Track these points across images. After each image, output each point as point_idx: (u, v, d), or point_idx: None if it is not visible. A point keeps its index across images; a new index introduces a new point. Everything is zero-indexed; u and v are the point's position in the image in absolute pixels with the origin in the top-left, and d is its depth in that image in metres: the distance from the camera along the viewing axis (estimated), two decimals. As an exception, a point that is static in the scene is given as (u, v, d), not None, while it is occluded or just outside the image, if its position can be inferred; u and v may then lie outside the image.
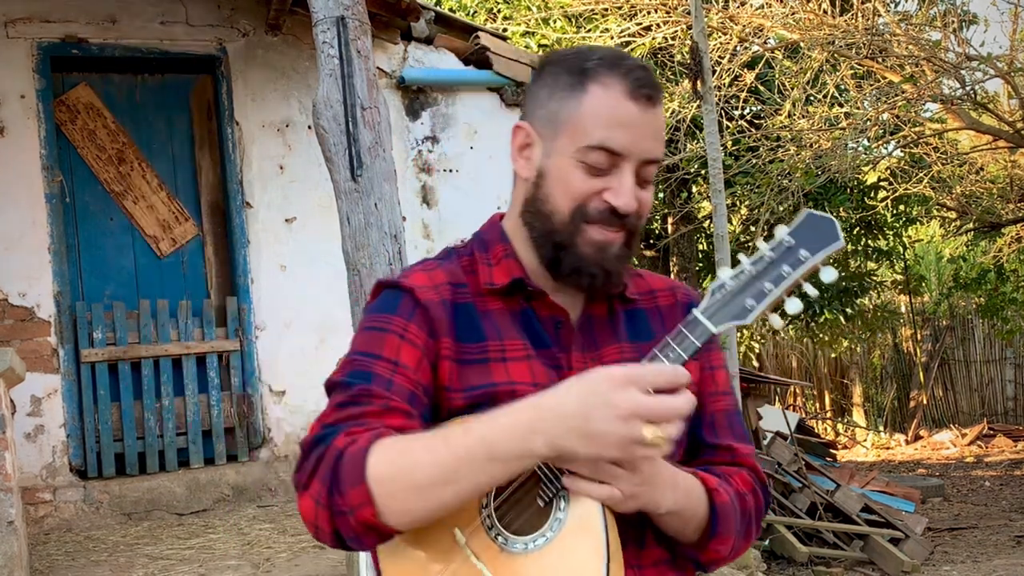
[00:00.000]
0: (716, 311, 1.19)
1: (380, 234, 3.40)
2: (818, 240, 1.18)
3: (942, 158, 9.19)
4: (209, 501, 5.23)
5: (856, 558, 6.23)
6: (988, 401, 13.38)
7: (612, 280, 1.33)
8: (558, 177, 1.30)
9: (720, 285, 1.20)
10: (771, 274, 1.18)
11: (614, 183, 1.28)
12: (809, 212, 1.21)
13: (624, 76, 1.27)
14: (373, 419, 1.20)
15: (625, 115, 1.27)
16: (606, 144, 1.26)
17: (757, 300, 1.18)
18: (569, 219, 1.29)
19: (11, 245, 5.06)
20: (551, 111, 1.32)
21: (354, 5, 3.49)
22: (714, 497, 1.28)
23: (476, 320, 1.32)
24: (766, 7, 8.01)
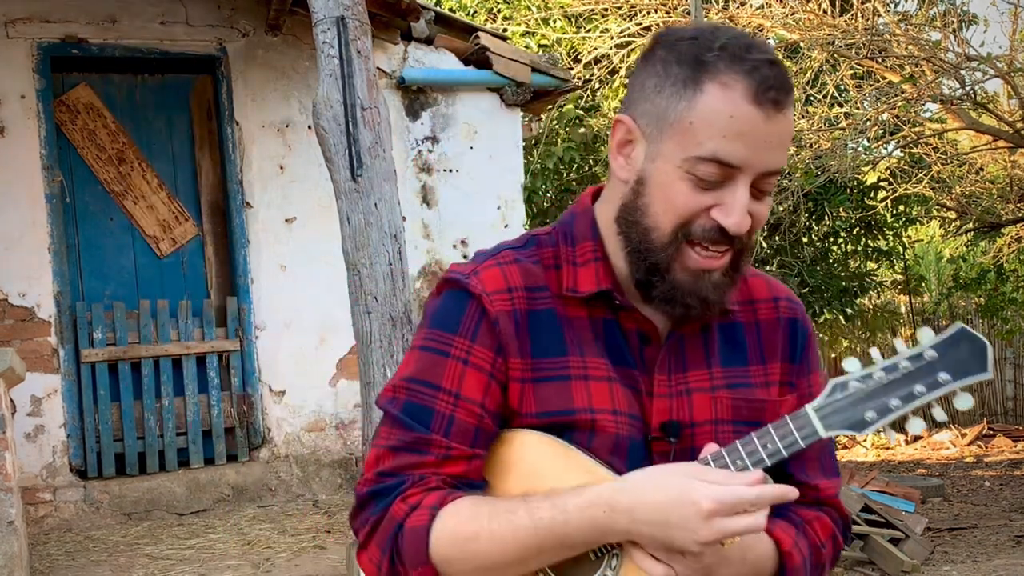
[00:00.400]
0: (831, 413, 1.09)
1: (380, 234, 3.40)
2: (963, 365, 1.08)
3: (942, 158, 9.20)
4: (209, 501, 5.23)
5: (856, 558, 6.23)
6: (988, 401, 13.38)
7: (711, 310, 1.18)
8: (661, 187, 1.13)
9: (843, 384, 1.09)
10: (902, 390, 1.08)
11: (726, 198, 1.11)
12: (962, 328, 1.08)
13: (748, 75, 1.08)
14: (430, 469, 1.15)
15: (746, 123, 1.08)
16: (720, 156, 1.09)
17: (880, 415, 1.08)
18: (669, 238, 1.13)
19: (11, 245, 5.06)
20: (659, 108, 1.13)
21: (354, 5, 3.49)
22: (786, 561, 1.20)
23: (557, 329, 1.18)
24: (766, 7, 8.01)
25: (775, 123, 1.10)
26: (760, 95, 1.08)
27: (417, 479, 1.15)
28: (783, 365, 1.23)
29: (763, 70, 1.09)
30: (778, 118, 1.10)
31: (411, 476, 1.15)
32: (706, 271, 1.15)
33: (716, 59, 1.10)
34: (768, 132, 1.10)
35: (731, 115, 1.09)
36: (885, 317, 12.37)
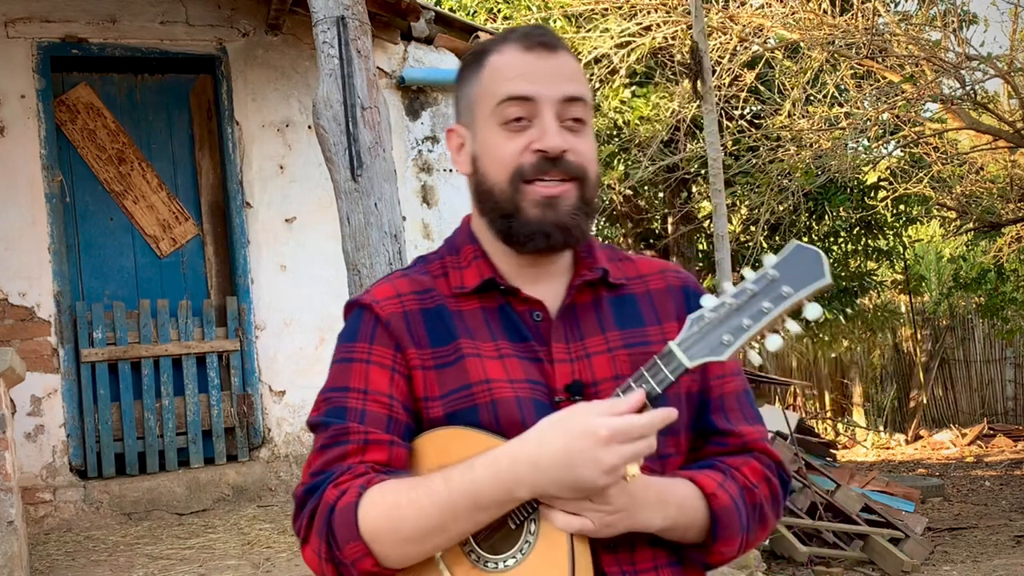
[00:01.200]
0: (692, 344, 1.16)
1: (380, 234, 3.40)
2: (803, 276, 1.14)
3: (942, 158, 9.20)
4: (209, 501, 5.23)
5: (856, 558, 6.23)
6: (988, 401, 13.38)
7: (573, 237, 1.28)
8: (487, 151, 1.29)
9: (699, 316, 1.16)
10: (751, 309, 1.14)
11: (536, 132, 1.25)
12: (797, 245, 1.17)
13: (516, 37, 1.29)
14: (355, 458, 1.23)
15: (523, 65, 1.26)
16: (512, 92, 1.25)
17: (735, 336, 1.14)
18: (508, 185, 1.27)
19: (11, 245, 5.06)
20: (466, 99, 1.33)
21: (354, 5, 3.49)
22: (712, 503, 1.25)
23: (448, 321, 1.30)
24: (766, 7, 8.01)
25: (550, 59, 1.27)
26: (528, 43, 1.27)
27: (346, 469, 1.22)
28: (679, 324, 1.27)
29: (526, 30, 1.29)
30: (552, 56, 1.27)
31: (340, 467, 1.23)
32: (551, 199, 1.26)
33: (492, 43, 1.32)
34: (546, 67, 1.26)
35: (509, 63, 1.27)
36: (885, 317, 12.37)
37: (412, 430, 1.27)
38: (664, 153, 8.38)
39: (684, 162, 8.68)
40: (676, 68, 8.13)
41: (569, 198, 1.27)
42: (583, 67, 7.64)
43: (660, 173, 8.71)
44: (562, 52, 1.28)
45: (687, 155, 8.41)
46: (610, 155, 8.83)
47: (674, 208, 9.73)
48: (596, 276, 1.33)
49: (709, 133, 5.29)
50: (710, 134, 5.28)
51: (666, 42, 8.12)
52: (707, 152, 5.35)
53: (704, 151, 6.04)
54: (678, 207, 9.64)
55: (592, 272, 1.33)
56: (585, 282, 1.33)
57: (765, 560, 5.76)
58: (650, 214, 9.94)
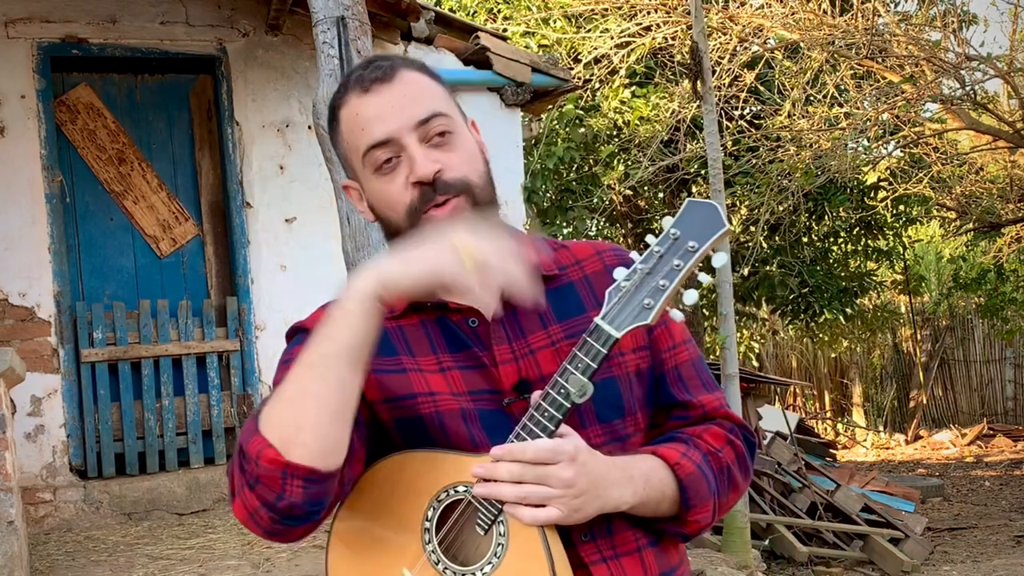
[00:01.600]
0: (617, 315, 1.17)
1: (380, 234, 3.39)
2: (704, 228, 1.17)
3: (942, 158, 9.20)
4: (209, 501, 5.23)
5: (856, 558, 6.24)
6: (988, 401, 13.39)
7: None
8: (376, 199, 1.32)
9: (616, 287, 1.18)
10: (664, 269, 1.17)
11: (407, 165, 1.28)
12: (690, 201, 1.20)
13: (353, 84, 1.31)
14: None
15: (365, 109, 1.29)
16: (370, 142, 1.28)
17: (655, 298, 1.16)
18: (408, 221, 1.29)
19: (11, 245, 5.06)
20: (343, 157, 1.36)
21: (354, 5, 3.49)
22: (678, 471, 1.26)
23: (387, 337, 1.29)
24: (766, 7, 8.01)
25: (388, 92, 1.29)
26: (363, 85, 1.29)
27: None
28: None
29: (357, 72, 1.32)
30: (388, 87, 1.29)
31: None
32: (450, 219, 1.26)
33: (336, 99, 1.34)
34: (387, 101, 1.28)
35: (356, 114, 1.30)
36: (885, 317, 12.38)
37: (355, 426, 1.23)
38: (664, 153, 8.38)
39: (684, 162, 8.68)
40: (676, 68, 8.14)
41: (462, 213, 1.28)
42: (583, 67, 7.56)
43: (660, 173, 8.71)
44: (399, 75, 1.29)
45: (687, 155, 8.41)
46: (610, 155, 8.83)
47: (674, 208, 9.72)
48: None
49: (709, 133, 5.29)
50: (710, 134, 5.28)
51: (666, 42, 8.12)
52: (707, 152, 5.35)
53: (704, 151, 6.04)
54: (678, 207, 9.64)
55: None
56: None
57: (765, 560, 5.77)
58: (650, 214, 9.94)
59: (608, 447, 1.27)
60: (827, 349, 13.35)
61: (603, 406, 1.28)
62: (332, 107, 1.35)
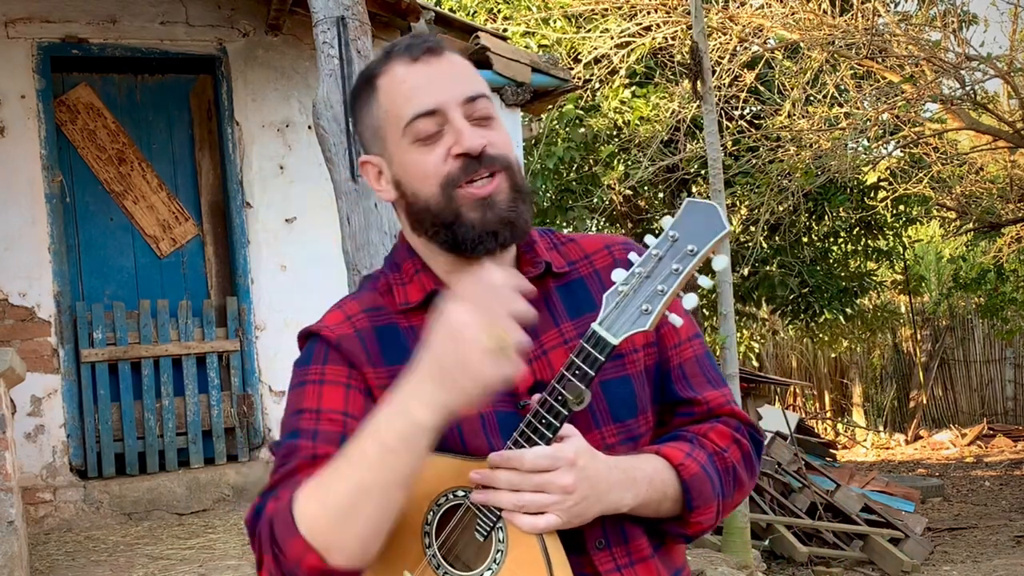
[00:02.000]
0: (614, 321, 1.15)
1: (380, 234, 3.40)
2: (703, 230, 1.14)
3: (942, 158, 9.20)
4: (209, 501, 5.23)
5: (856, 558, 6.24)
6: (988, 401, 13.39)
7: (519, 229, 1.26)
8: (408, 172, 1.26)
9: (614, 291, 1.15)
10: (662, 273, 1.14)
11: (451, 137, 1.23)
12: (690, 201, 1.16)
13: (400, 53, 1.27)
14: (304, 473, 1.19)
15: (414, 78, 1.24)
16: (418, 110, 1.23)
17: (653, 303, 1.13)
18: (441, 195, 1.24)
19: (11, 245, 5.06)
20: (370, 129, 1.31)
21: (354, 5, 3.49)
22: (681, 472, 1.24)
23: (400, 339, 1.27)
24: (766, 7, 8.01)
25: (438, 65, 1.25)
26: (411, 57, 1.25)
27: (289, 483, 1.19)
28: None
29: (404, 43, 1.27)
30: (439, 60, 1.25)
31: (284, 484, 1.19)
32: (487, 198, 1.23)
33: (376, 66, 1.29)
34: (437, 72, 1.25)
35: (403, 81, 1.25)
36: (885, 317, 12.38)
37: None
38: (664, 153, 8.38)
39: (684, 162, 8.68)
40: (676, 68, 8.14)
41: (503, 192, 1.24)
42: (583, 67, 7.57)
43: (660, 173, 8.72)
44: (448, 54, 1.27)
45: (687, 155, 8.41)
46: (610, 155, 8.83)
47: (674, 208, 9.72)
48: (540, 271, 1.31)
49: (709, 133, 5.29)
50: (710, 134, 5.28)
51: (666, 42, 8.13)
52: (707, 152, 5.35)
53: (704, 151, 6.04)
54: (678, 207, 9.64)
55: (535, 267, 1.31)
56: (530, 279, 1.28)
57: (765, 560, 5.77)
58: (650, 214, 9.93)
59: (622, 447, 1.26)
60: (827, 349, 13.35)
61: (618, 405, 1.26)
62: (368, 75, 1.29)
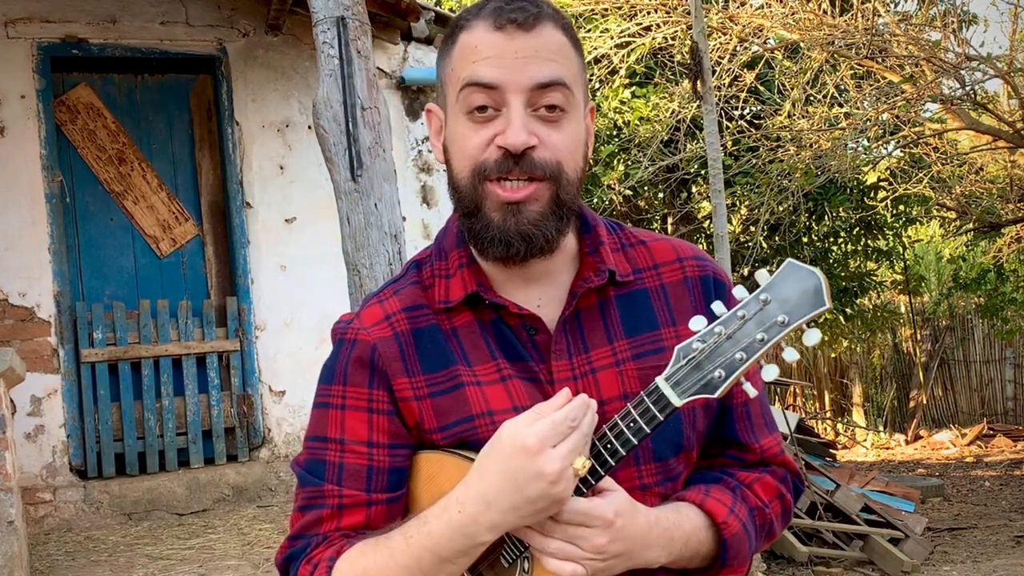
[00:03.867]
0: (682, 380, 1.05)
1: (380, 234, 3.40)
2: (800, 301, 1.02)
3: (942, 158, 9.20)
4: (209, 501, 5.23)
5: (856, 558, 6.23)
6: (988, 401, 13.39)
7: (536, 246, 1.14)
8: (454, 141, 1.17)
9: (688, 346, 1.06)
10: (744, 340, 1.03)
11: (502, 123, 1.12)
12: (791, 263, 1.03)
13: (487, 13, 1.14)
14: (330, 524, 1.18)
15: (490, 47, 1.13)
16: (475, 79, 1.12)
17: (728, 371, 1.03)
18: (469, 180, 1.14)
19: (11, 245, 5.06)
20: (440, 80, 1.22)
21: (354, 5, 3.49)
22: (723, 532, 1.17)
23: (441, 343, 1.19)
24: (766, 7, 8.01)
25: (521, 40, 1.12)
26: (497, 20, 1.13)
27: (321, 540, 1.18)
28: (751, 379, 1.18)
29: (501, 4, 1.14)
30: (523, 36, 1.12)
31: (316, 537, 1.18)
32: (513, 204, 1.13)
33: (465, 17, 1.17)
34: (516, 48, 1.12)
35: (475, 45, 1.13)
36: (885, 317, 12.37)
37: (400, 471, 1.20)
38: (664, 153, 8.38)
39: (684, 162, 8.68)
40: (676, 68, 8.14)
41: (537, 202, 1.13)
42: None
43: (660, 173, 8.72)
44: (541, 28, 1.13)
45: (687, 155, 8.41)
46: (610, 155, 8.83)
47: (674, 208, 9.72)
48: (603, 281, 1.20)
49: (709, 133, 5.29)
50: (710, 134, 5.27)
51: (666, 42, 8.12)
52: (707, 152, 5.35)
53: (704, 151, 6.04)
54: (678, 207, 9.64)
55: (598, 276, 1.20)
56: (590, 288, 1.20)
57: (765, 560, 5.76)
58: (650, 214, 9.94)
59: (659, 488, 1.19)
60: (827, 349, 13.34)
61: (662, 443, 1.18)
62: (455, 25, 1.19)
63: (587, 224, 1.25)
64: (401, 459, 1.19)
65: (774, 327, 1.02)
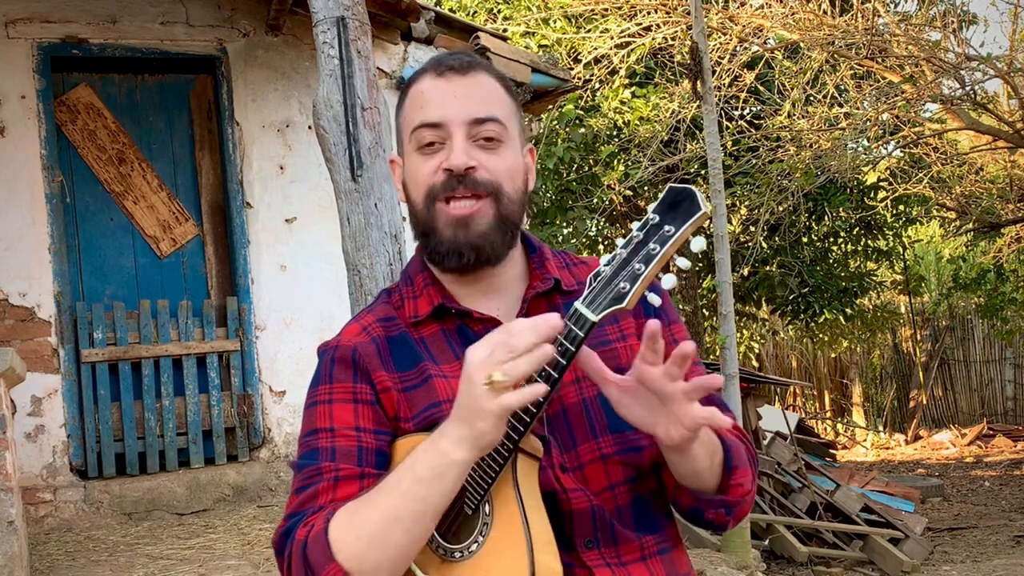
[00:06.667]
0: (594, 299, 1.18)
1: (380, 234, 3.40)
2: (682, 213, 1.16)
3: (942, 158, 9.20)
4: (209, 501, 5.23)
5: (856, 558, 6.24)
6: (988, 401, 13.39)
7: (484, 255, 1.32)
8: (409, 176, 1.36)
9: (597, 272, 1.19)
10: (641, 254, 1.17)
11: (447, 152, 1.31)
12: (670, 187, 1.19)
13: (431, 66, 1.35)
14: (326, 496, 1.26)
15: (431, 90, 1.33)
16: (422, 120, 1.31)
17: (631, 282, 1.16)
18: (423, 205, 1.33)
19: (11, 245, 5.06)
20: (397, 130, 1.40)
21: (354, 5, 3.49)
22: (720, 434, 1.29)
23: (412, 347, 1.34)
24: (766, 7, 8.01)
25: (459, 82, 1.32)
26: (438, 69, 1.34)
27: (317, 508, 1.25)
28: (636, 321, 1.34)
29: (440, 58, 1.36)
30: (460, 79, 1.33)
31: (312, 509, 1.26)
32: (461, 219, 1.30)
33: (414, 76, 1.38)
34: (453, 89, 1.32)
35: (422, 91, 1.34)
36: (885, 317, 12.38)
37: (386, 454, 1.30)
38: (664, 153, 8.38)
39: (684, 162, 8.68)
40: (676, 68, 8.14)
41: (482, 216, 1.31)
42: (583, 67, 7.54)
43: (660, 173, 8.71)
44: (476, 74, 1.33)
45: (687, 155, 8.41)
46: (610, 155, 8.83)
47: (674, 208, 9.71)
48: (548, 287, 1.37)
49: (709, 133, 5.29)
50: (710, 134, 5.28)
51: (666, 42, 8.13)
52: (707, 152, 5.35)
53: (704, 151, 6.04)
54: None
55: (544, 283, 1.37)
56: (538, 293, 1.37)
57: (765, 560, 5.77)
58: (650, 214, 9.91)
59: (620, 456, 1.30)
60: (827, 349, 13.35)
61: (615, 417, 1.26)
62: (407, 83, 1.39)
63: (532, 246, 1.44)
64: (385, 443, 1.30)
65: (664, 238, 1.16)
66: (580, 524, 1.27)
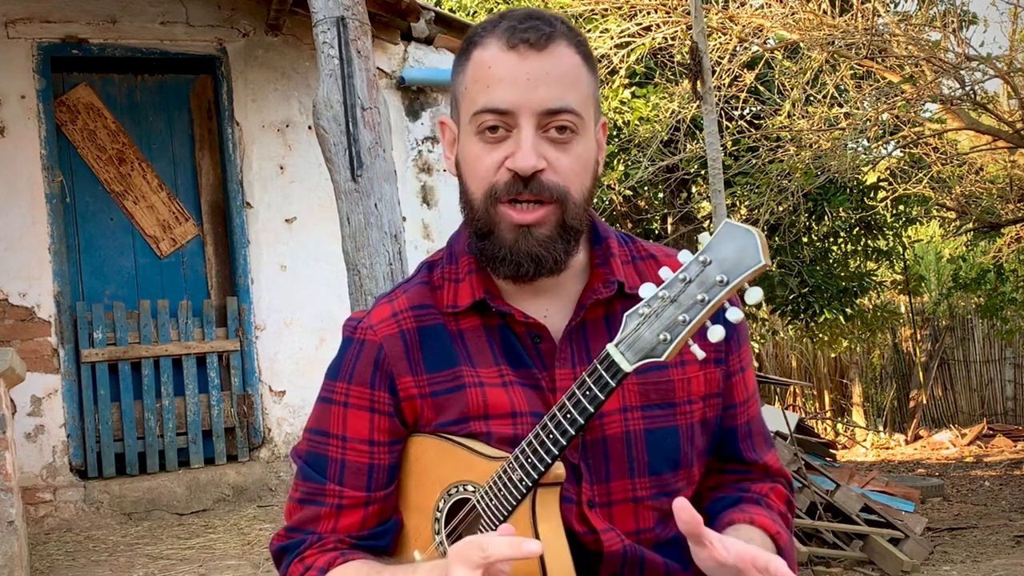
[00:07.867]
0: (630, 346, 1.06)
1: (380, 234, 3.40)
2: (738, 260, 1.01)
3: (942, 158, 9.20)
4: (209, 501, 5.23)
5: (856, 558, 6.23)
6: (988, 401, 13.39)
7: (545, 267, 1.18)
8: (467, 160, 1.20)
9: (635, 312, 1.06)
10: (687, 302, 1.03)
11: (512, 145, 1.15)
12: (728, 223, 1.03)
13: (502, 31, 1.16)
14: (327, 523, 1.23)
15: (503, 68, 1.15)
16: (487, 105, 1.15)
17: (672, 333, 1.03)
18: (483, 202, 1.18)
19: (11, 245, 5.06)
20: (454, 94, 1.23)
21: (354, 5, 3.49)
22: (778, 541, 1.20)
23: (446, 343, 1.22)
24: (766, 7, 8.01)
25: (534, 61, 1.14)
26: (511, 39, 1.15)
27: (316, 540, 1.22)
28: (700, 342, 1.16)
29: (514, 23, 1.16)
30: (536, 56, 1.14)
31: (312, 535, 1.23)
32: (524, 226, 1.16)
33: (480, 32, 1.19)
34: (528, 70, 1.14)
35: (489, 65, 1.16)
36: (885, 317, 12.37)
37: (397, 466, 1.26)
38: (664, 153, 8.38)
39: (684, 162, 8.68)
40: (676, 68, 8.14)
41: (545, 225, 1.17)
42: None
43: (660, 173, 8.72)
44: (554, 47, 1.15)
45: (687, 155, 8.41)
46: (610, 155, 8.83)
47: (674, 208, 9.73)
48: (611, 293, 1.23)
49: (709, 133, 5.29)
50: (710, 134, 5.27)
51: (666, 42, 8.12)
52: (707, 152, 5.35)
53: (704, 151, 6.04)
54: (678, 207, 9.64)
55: (607, 288, 1.22)
56: (598, 299, 1.23)
57: (765, 560, 5.76)
58: (650, 214, 9.94)
59: (654, 501, 1.21)
60: (827, 349, 13.34)
61: (658, 458, 1.20)
62: (469, 39, 1.21)
63: (598, 236, 1.27)
64: (398, 454, 1.25)
65: (715, 287, 1.02)
66: (609, 564, 1.19)
